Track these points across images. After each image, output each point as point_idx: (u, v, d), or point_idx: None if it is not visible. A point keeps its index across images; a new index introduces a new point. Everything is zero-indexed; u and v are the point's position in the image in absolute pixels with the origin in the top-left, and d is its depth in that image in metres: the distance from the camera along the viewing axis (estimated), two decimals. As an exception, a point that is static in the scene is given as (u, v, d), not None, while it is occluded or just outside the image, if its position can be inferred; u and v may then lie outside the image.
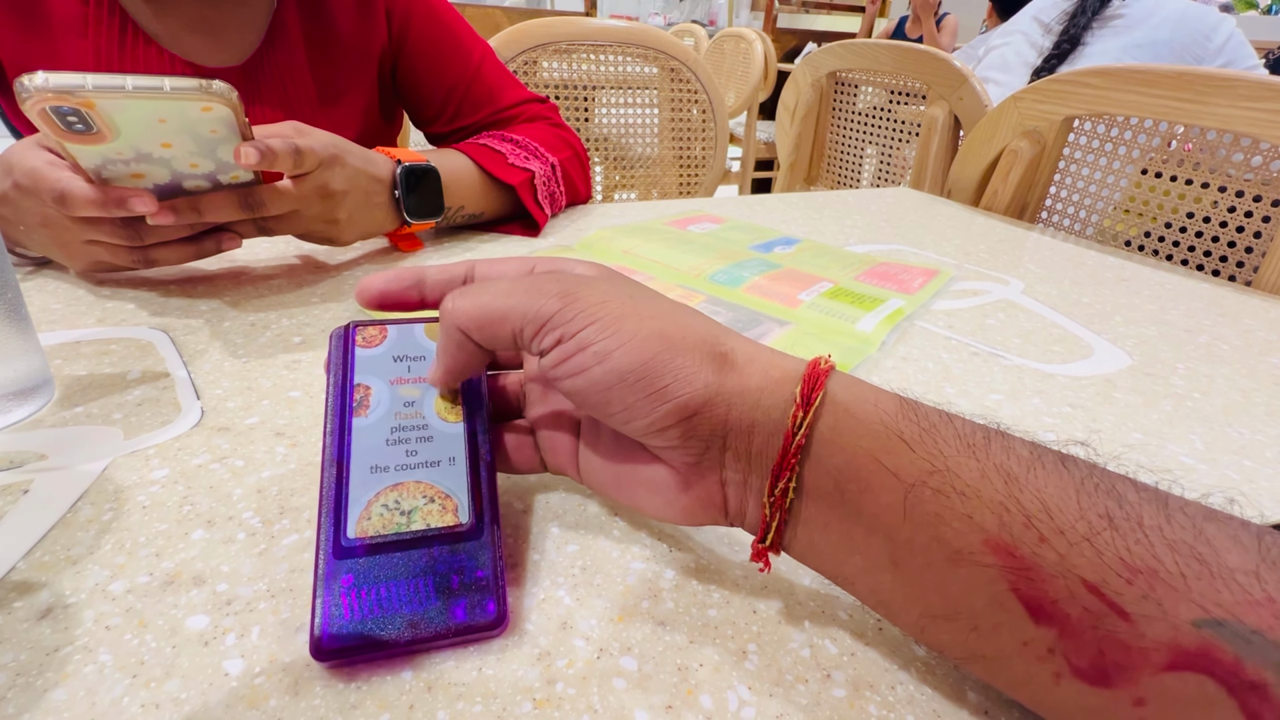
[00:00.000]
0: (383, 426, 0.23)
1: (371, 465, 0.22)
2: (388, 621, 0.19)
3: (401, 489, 0.21)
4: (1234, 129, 0.61)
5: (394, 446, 0.22)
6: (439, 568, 0.20)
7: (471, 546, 0.21)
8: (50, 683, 0.18)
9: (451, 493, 0.22)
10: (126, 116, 0.32)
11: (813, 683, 0.19)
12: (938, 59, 1.05)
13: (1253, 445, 0.34)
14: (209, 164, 0.36)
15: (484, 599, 0.20)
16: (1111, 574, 0.15)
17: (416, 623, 0.19)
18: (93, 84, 0.30)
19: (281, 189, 0.41)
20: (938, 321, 0.45)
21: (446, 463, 0.22)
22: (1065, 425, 0.34)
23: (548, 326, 0.20)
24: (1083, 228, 0.77)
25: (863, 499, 0.18)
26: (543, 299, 0.20)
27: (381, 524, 0.20)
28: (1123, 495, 0.16)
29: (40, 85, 0.29)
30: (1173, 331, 0.47)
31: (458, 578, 0.20)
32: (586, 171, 0.66)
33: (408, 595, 0.19)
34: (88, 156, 0.34)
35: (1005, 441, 0.17)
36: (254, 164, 0.36)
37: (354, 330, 0.25)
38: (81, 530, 0.23)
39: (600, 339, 0.20)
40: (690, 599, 0.22)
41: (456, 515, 0.21)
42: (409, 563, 0.20)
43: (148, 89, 0.31)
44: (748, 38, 2.32)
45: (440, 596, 0.20)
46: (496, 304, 0.21)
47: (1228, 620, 0.14)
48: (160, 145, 0.34)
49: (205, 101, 0.32)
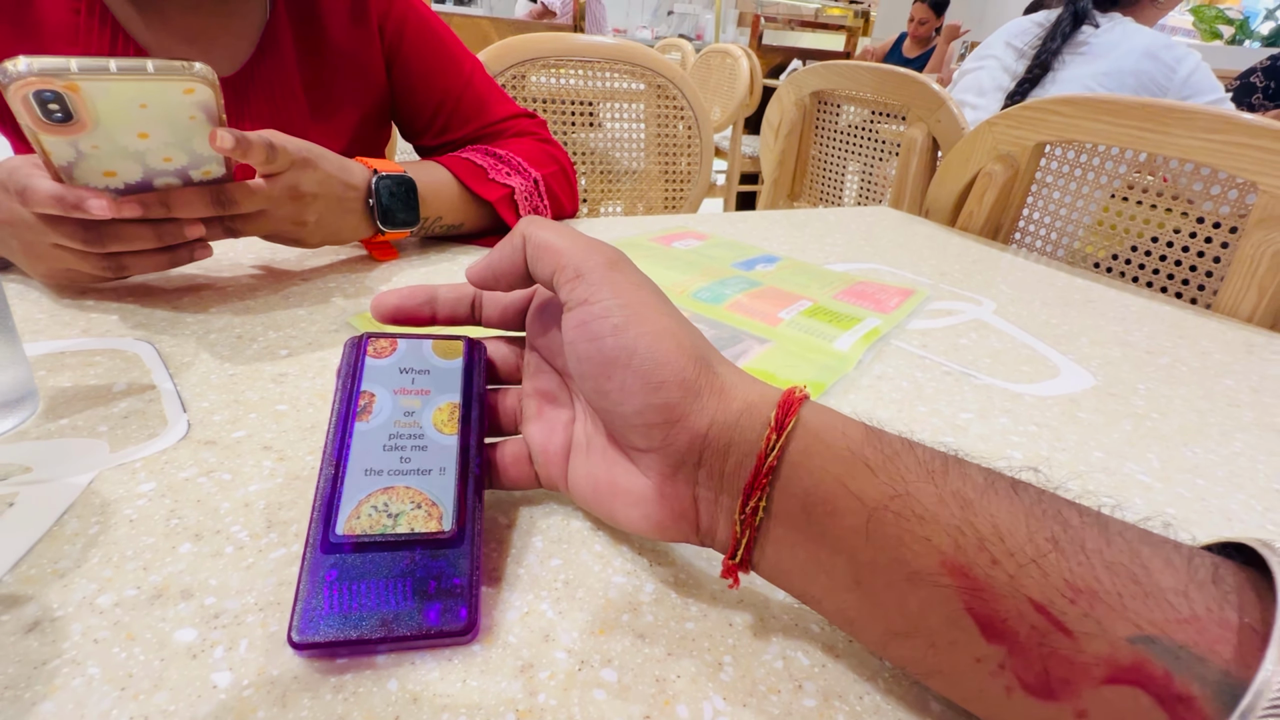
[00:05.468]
0: (382, 433, 0.24)
1: (366, 468, 0.23)
2: (364, 619, 0.20)
3: (392, 493, 0.22)
4: (1194, 158, 0.64)
5: (390, 452, 0.23)
6: (418, 571, 0.21)
7: (451, 554, 0.22)
8: (39, 695, 0.18)
9: (438, 500, 0.23)
10: (108, 102, 0.32)
11: (785, 693, 0.20)
12: (917, 82, 1.08)
13: (1205, 464, 0.35)
14: (183, 157, 0.37)
15: (457, 605, 0.21)
16: (1057, 594, 0.16)
17: (390, 622, 0.20)
18: (77, 66, 0.31)
19: (253, 186, 0.41)
20: (912, 341, 0.47)
21: (437, 472, 0.23)
22: (1031, 444, 0.35)
23: (582, 279, 0.22)
24: (1054, 249, 0.79)
25: (828, 521, 0.19)
26: (592, 255, 0.22)
27: (369, 524, 0.21)
28: (1067, 520, 0.17)
29: (24, 70, 0.30)
30: (1135, 353, 0.49)
31: (435, 583, 0.21)
32: (573, 187, 0.67)
33: (386, 595, 0.20)
34: (62, 150, 0.34)
35: (962, 468, 0.19)
36: (229, 148, 0.36)
37: (367, 341, 0.27)
38: (68, 543, 0.23)
39: (620, 314, 0.21)
40: (669, 612, 0.23)
41: (440, 522, 0.22)
42: (390, 563, 0.21)
43: (131, 69, 0.32)
44: (734, 53, 2.36)
45: (416, 599, 0.20)
46: (557, 239, 0.23)
47: (1159, 637, 0.15)
48: (137, 135, 0.34)
49: (188, 83, 0.33)
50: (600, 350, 0.21)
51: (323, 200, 0.45)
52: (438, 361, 0.27)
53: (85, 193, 0.35)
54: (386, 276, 0.49)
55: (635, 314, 0.21)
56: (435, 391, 0.26)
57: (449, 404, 0.25)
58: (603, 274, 0.22)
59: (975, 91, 1.29)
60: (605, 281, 0.22)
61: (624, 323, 0.21)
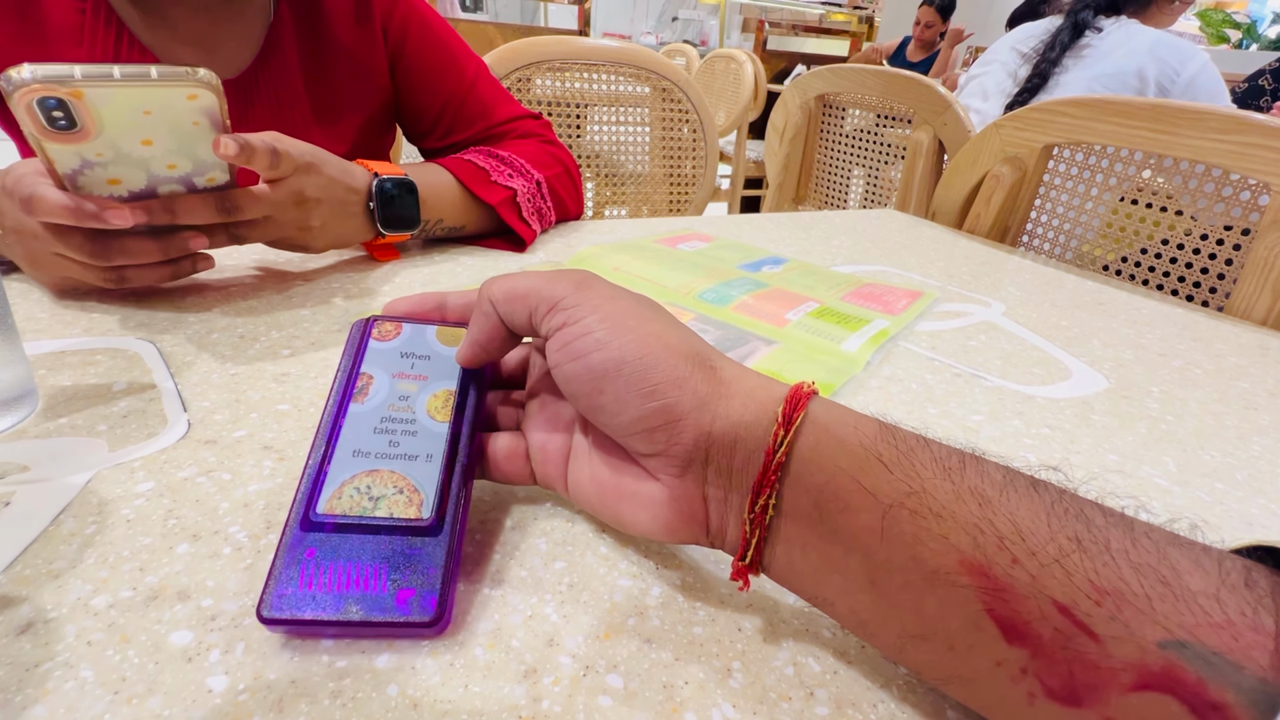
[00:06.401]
0: (374, 415, 0.24)
1: (355, 449, 0.23)
2: (335, 600, 0.20)
3: (376, 476, 0.22)
4: (1205, 160, 0.63)
5: (379, 435, 0.23)
6: (394, 558, 0.21)
7: (428, 543, 0.21)
8: (30, 699, 0.18)
9: (420, 487, 0.22)
10: (112, 108, 0.32)
11: (796, 701, 0.20)
12: (923, 85, 1.08)
13: (1224, 468, 0.34)
14: (187, 164, 0.36)
15: (428, 596, 0.20)
16: (1081, 595, 0.15)
17: (361, 607, 0.20)
18: (81, 73, 0.31)
19: (257, 193, 0.40)
20: (921, 343, 0.46)
21: (424, 459, 0.23)
22: (1044, 447, 0.35)
23: (557, 308, 0.22)
24: (1062, 252, 0.79)
25: (841, 518, 0.18)
26: (558, 284, 0.23)
27: (349, 505, 0.21)
28: (1090, 519, 0.16)
29: (28, 77, 0.30)
30: (1148, 355, 0.48)
31: (409, 571, 0.21)
32: (578, 188, 0.67)
33: (359, 578, 0.20)
34: (66, 158, 0.34)
35: (979, 466, 0.18)
36: (233, 155, 0.36)
37: (373, 323, 0.27)
38: (64, 544, 0.23)
39: (601, 329, 0.21)
40: (676, 616, 0.22)
41: (420, 510, 0.22)
42: (367, 547, 0.21)
43: (135, 76, 0.31)
44: (738, 59, 2.36)
45: (390, 585, 0.20)
46: (521, 284, 0.23)
47: (1190, 642, 0.14)
48: (140, 143, 0.34)
49: (191, 89, 0.33)
50: (588, 367, 0.21)
51: (327, 205, 0.45)
52: (439, 348, 0.26)
53: (92, 202, 0.35)
54: (388, 277, 0.49)
55: (616, 324, 0.21)
56: (432, 378, 0.26)
57: (444, 391, 0.25)
58: (575, 296, 0.22)
59: (980, 96, 1.29)
60: (579, 301, 0.22)
61: (606, 336, 0.21)
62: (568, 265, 0.54)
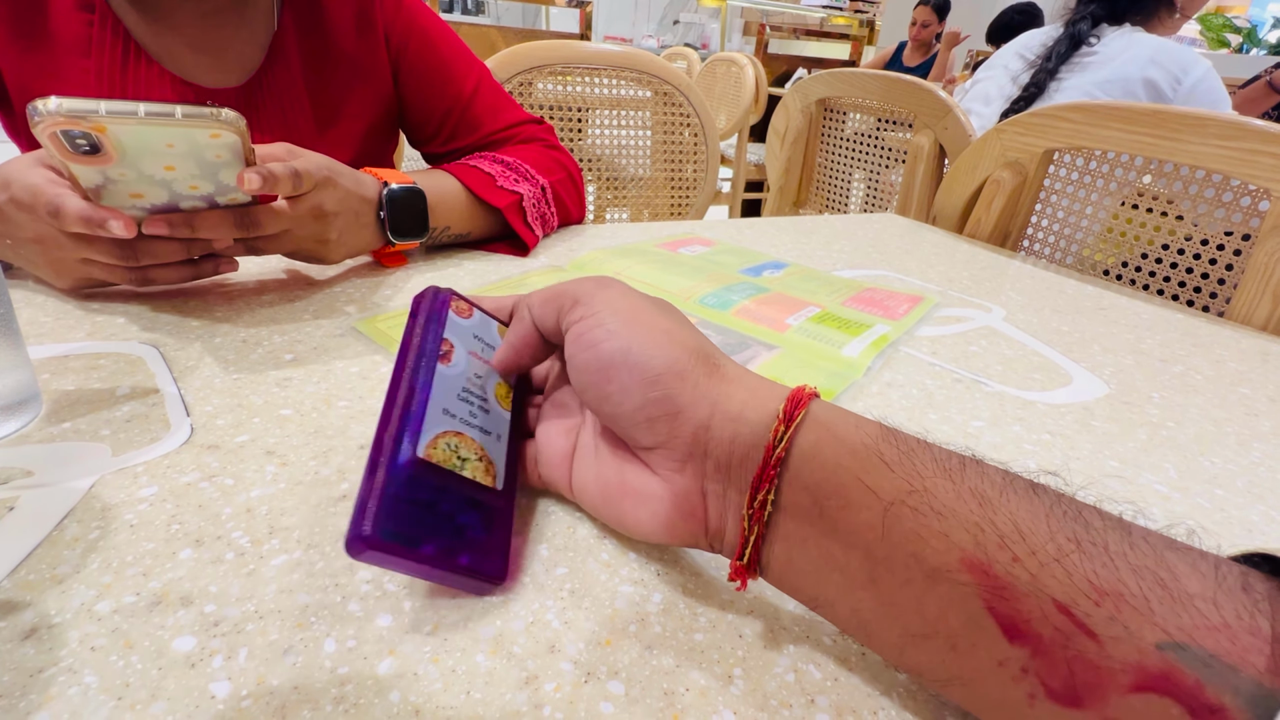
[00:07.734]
0: (458, 381, 0.25)
1: (444, 408, 0.24)
2: (420, 538, 0.20)
3: (462, 439, 0.24)
4: (1205, 165, 0.63)
5: (463, 403, 0.25)
6: (469, 516, 0.22)
7: (497, 509, 0.23)
8: (33, 705, 0.18)
9: (495, 460, 0.25)
10: (135, 141, 0.32)
11: (797, 708, 0.20)
12: (923, 89, 1.08)
13: (1224, 474, 0.34)
14: (209, 186, 0.37)
15: (492, 555, 0.22)
16: (1080, 595, 0.15)
17: (439, 551, 0.21)
18: (105, 109, 0.31)
19: (277, 209, 0.41)
20: (922, 348, 0.46)
21: (495, 436, 0.25)
22: (1045, 452, 0.35)
23: (578, 304, 0.24)
24: (1063, 257, 0.79)
25: (841, 515, 0.18)
26: (583, 284, 0.25)
27: (443, 457, 0.23)
28: (1089, 521, 0.16)
29: (54, 110, 0.30)
30: (1149, 361, 0.48)
31: (480, 531, 0.22)
32: (580, 193, 0.67)
33: (440, 525, 0.21)
34: (89, 176, 0.34)
35: (979, 467, 0.18)
36: (256, 189, 0.36)
37: (449, 297, 0.28)
38: (67, 549, 0.23)
39: (613, 321, 0.23)
40: (677, 623, 0.22)
41: (495, 481, 0.24)
42: (451, 498, 0.22)
43: (159, 115, 0.32)
44: (739, 62, 2.36)
45: (468, 538, 0.22)
46: (553, 289, 0.26)
47: (1188, 644, 0.14)
48: (163, 168, 0.34)
49: (214, 129, 0.33)
50: (598, 356, 0.23)
51: (343, 217, 0.45)
52: (500, 341, 0.29)
53: (115, 214, 0.35)
54: (393, 282, 0.49)
55: (628, 318, 0.23)
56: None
57: (505, 384, 0.28)
58: (594, 293, 0.24)
59: (983, 100, 1.29)
60: (598, 298, 0.24)
61: (617, 327, 0.23)
62: (569, 269, 0.54)
